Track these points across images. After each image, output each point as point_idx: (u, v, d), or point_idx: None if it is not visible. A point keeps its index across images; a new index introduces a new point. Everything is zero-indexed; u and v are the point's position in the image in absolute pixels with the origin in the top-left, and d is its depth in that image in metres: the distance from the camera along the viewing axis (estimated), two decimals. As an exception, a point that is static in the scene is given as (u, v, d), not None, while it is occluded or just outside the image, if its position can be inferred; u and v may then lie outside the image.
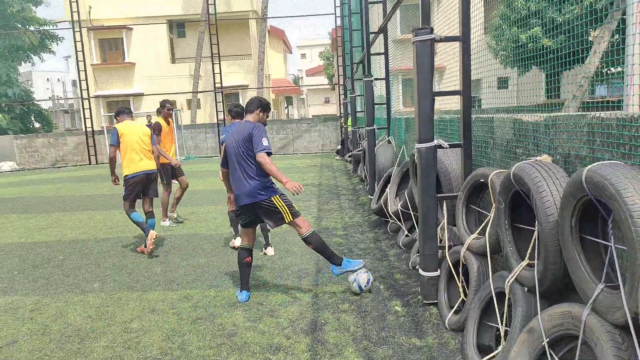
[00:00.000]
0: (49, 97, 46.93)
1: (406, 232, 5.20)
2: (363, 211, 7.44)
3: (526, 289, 2.55)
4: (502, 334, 2.72)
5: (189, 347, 3.30)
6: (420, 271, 3.65)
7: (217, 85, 19.69)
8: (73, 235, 6.81)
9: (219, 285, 4.47)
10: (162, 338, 3.46)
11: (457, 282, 3.38)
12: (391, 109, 7.56)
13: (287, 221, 3.97)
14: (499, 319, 2.76)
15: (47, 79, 56.53)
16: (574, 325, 2.07)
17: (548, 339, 2.22)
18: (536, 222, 2.39)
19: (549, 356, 2.21)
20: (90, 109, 20.39)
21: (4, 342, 3.53)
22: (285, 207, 3.94)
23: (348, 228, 6.41)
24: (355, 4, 10.90)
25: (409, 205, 4.96)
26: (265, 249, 5.40)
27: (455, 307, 3.34)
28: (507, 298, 2.70)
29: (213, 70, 19.63)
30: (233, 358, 3.13)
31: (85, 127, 20.47)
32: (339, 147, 17.71)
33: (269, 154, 3.86)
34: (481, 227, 3.22)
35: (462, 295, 3.31)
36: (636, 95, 2.43)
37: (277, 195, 3.95)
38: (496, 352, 2.69)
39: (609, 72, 5.44)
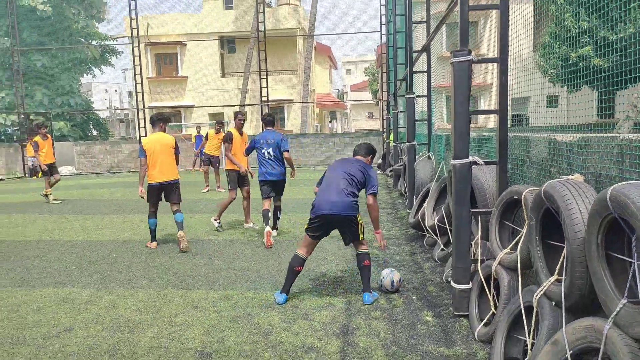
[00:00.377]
0: (107, 107, 49.66)
1: (442, 246, 5.25)
2: (401, 225, 7.51)
3: (554, 303, 2.61)
4: (530, 346, 2.76)
5: (227, 342, 3.52)
6: (453, 283, 3.73)
7: (263, 99, 20.29)
8: (126, 235, 7.27)
9: (257, 288, 4.69)
10: (203, 332, 3.70)
11: (488, 295, 3.44)
12: (432, 126, 7.64)
13: (359, 239, 4.35)
14: (526, 331, 2.82)
15: (106, 90, 59.86)
16: (597, 338, 2.13)
17: (571, 351, 2.27)
18: (565, 238, 2.45)
19: (572, 368, 2.26)
20: (144, 119, 21.47)
21: (62, 329, 3.88)
22: (362, 226, 4.37)
23: (385, 240, 6.50)
24: (401, 22, 11.08)
25: (446, 220, 5.03)
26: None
27: (485, 320, 3.39)
28: (535, 312, 2.75)
29: (260, 85, 20.26)
30: (267, 354, 3.32)
31: (139, 136, 21.55)
32: (380, 161, 17.77)
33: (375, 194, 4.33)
34: (513, 242, 3.28)
35: (493, 308, 3.36)
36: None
37: (359, 214, 4.35)
38: (522, 364, 2.74)
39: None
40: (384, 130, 18.85)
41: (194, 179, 15.20)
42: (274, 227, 6.73)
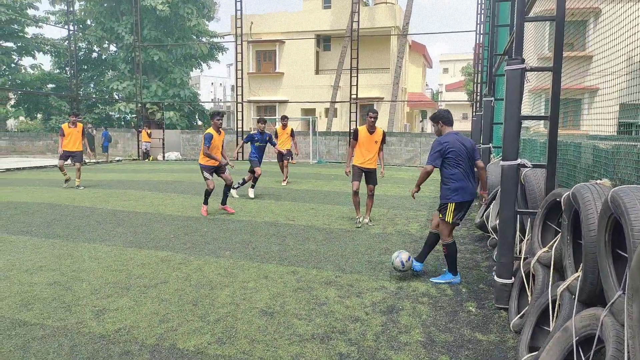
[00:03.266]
0: (211, 100, 53.59)
1: (500, 247, 5.40)
2: (470, 225, 7.64)
3: (574, 296, 2.83)
4: (551, 336, 2.99)
5: (287, 307, 4.12)
6: (495, 277, 3.97)
7: (353, 96, 20.85)
8: (217, 214, 8.25)
9: (321, 267, 5.25)
10: (269, 297, 4.34)
11: (527, 290, 3.66)
12: (522, 130, 7.62)
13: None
14: (551, 323, 3.04)
15: (212, 83, 64.50)
16: (596, 325, 2.36)
17: (577, 338, 2.51)
18: (582, 237, 2.67)
19: (575, 354, 2.50)
20: (242, 112, 23.14)
21: (159, 281, 4.74)
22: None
23: (449, 239, 6.73)
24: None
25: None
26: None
27: (522, 313, 3.62)
28: (557, 304, 2.97)
29: (350, 82, 20.83)
30: (319, 320, 3.85)
31: (237, 128, 23.27)
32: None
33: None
34: (552, 242, 3.47)
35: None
36: None
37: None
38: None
39: None
40: (472, 132, 18.47)
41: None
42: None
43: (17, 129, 38.37)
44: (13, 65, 31.30)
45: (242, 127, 22.89)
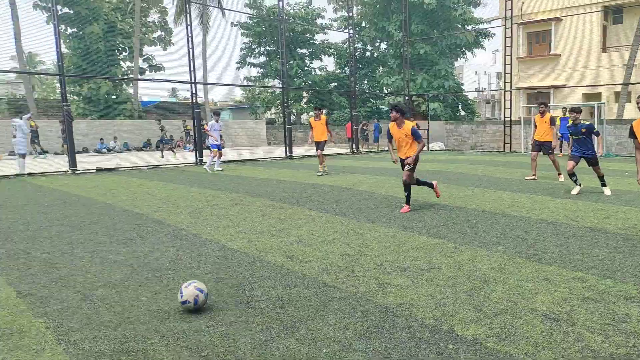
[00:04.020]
0: (475, 89, 52.13)
1: None
2: None
3: None
4: None
5: (575, 316, 3.68)
6: None
7: (658, 75, 16.94)
8: (485, 207, 8.01)
9: (618, 279, 4.48)
10: (551, 301, 3.97)
11: None
12: None
13: None
14: None
15: (475, 72, 62.60)
16: None
17: None
18: None
19: None
20: (510, 100, 21.69)
21: (432, 267, 4.91)
22: None
23: None
24: None
25: None
26: None
27: None
28: None
29: (655, 58, 16.97)
30: (619, 338, 3.31)
31: (504, 117, 21.99)
32: None
33: None
34: None
35: None
36: None
37: None
38: None
39: None
40: None
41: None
42: None
43: (308, 122, 45.72)
44: (306, 68, 37.30)
45: (510, 117, 21.48)
